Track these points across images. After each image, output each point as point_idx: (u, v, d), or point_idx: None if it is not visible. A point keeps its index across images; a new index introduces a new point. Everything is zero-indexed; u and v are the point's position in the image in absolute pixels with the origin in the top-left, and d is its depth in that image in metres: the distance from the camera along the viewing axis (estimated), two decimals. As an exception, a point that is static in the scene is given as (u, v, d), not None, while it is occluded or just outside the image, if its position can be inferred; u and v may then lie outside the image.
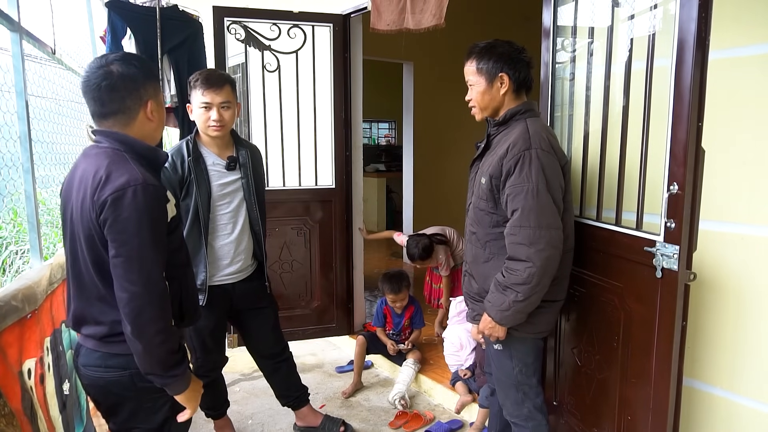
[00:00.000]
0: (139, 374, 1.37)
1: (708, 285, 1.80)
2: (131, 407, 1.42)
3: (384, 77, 7.39)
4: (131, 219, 1.25)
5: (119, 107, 1.34)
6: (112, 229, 1.26)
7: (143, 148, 1.38)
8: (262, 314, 2.35)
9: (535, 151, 1.59)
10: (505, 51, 1.69)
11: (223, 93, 2.05)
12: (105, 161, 1.30)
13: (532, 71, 1.73)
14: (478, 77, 1.72)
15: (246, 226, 2.21)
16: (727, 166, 1.72)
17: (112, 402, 1.43)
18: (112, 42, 2.95)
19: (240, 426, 2.64)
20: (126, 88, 1.33)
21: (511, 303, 1.61)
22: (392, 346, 3.12)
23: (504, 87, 1.70)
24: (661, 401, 1.61)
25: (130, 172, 1.28)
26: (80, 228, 1.31)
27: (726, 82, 1.69)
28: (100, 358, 1.39)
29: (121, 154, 1.33)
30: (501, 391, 1.87)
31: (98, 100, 1.33)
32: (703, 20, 1.41)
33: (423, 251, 3.28)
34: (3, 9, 1.80)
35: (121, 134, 1.35)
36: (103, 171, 1.28)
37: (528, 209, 1.57)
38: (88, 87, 1.32)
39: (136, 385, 1.39)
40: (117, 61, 1.34)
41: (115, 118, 1.35)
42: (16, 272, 2.96)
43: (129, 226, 1.25)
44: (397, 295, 3.08)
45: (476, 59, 1.72)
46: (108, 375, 1.39)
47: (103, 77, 1.30)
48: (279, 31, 3.17)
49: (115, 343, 1.37)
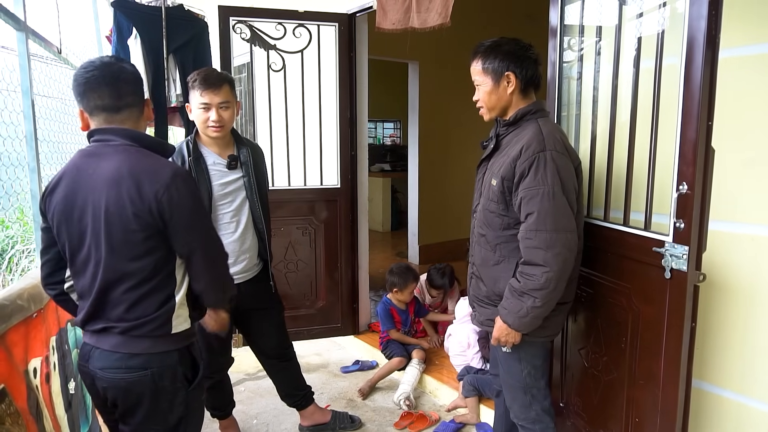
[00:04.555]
0: (159, 373, 1.39)
1: (717, 286, 1.78)
2: (149, 407, 1.42)
3: (389, 77, 7.38)
4: (190, 204, 1.38)
5: (134, 100, 1.39)
6: (175, 218, 1.34)
7: (153, 143, 1.42)
8: (268, 314, 2.34)
9: (549, 153, 1.56)
10: (511, 49, 1.65)
11: (222, 93, 2.04)
12: (132, 158, 1.34)
13: (540, 68, 1.70)
14: (485, 77, 1.68)
15: (249, 224, 2.20)
16: (737, 165, 1.70)
17: (132, 403, 1.42)
18: (118, 41, 2.96)
19: (245, 426, 2.63)
20: (137, 84, 1.40)
21: (529, 309, 1.58)
22: (427, 344, 3.26)
23: (511, 86, 1.66)
24: (670, 403, 1.60)
25: (166, 164, 1.38)
26: (114, 226, 1.32)
27: (736, 80, 1.67)
28: (120, 360, 1.38)
29: (139, 149, 1.36)
30: (508, 393, 1.85)
31: (115, 93, 1.34)
32: (713, 18, 1.39)
33: (451, 276, 3.45)
34: (9, 9, 1.80)
35: (131, 130, 1.38)
36: (139, 167, 1.33)
37: (544, 212, 1.54)
38: (102, 80, 1.32)
39: (157, 384, 1.39)
40: (121, 60, 1.41)
41: (129, 111, 1.38)
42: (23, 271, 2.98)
43: (191, 210, 1.38)
44: (407, 287, 3.17)
45: (482, 58, 1.68)
46: (129, 376, 1.38)
47: (120, 71, 1.35)
48: (284, 30, 3.17)
49: (135, 340, 1.37)
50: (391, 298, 3.27)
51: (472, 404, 2.66)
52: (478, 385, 2.67)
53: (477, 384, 2.67)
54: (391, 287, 3.24)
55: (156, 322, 1.37)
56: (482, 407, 2.66)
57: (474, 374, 2.77)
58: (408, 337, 3.26)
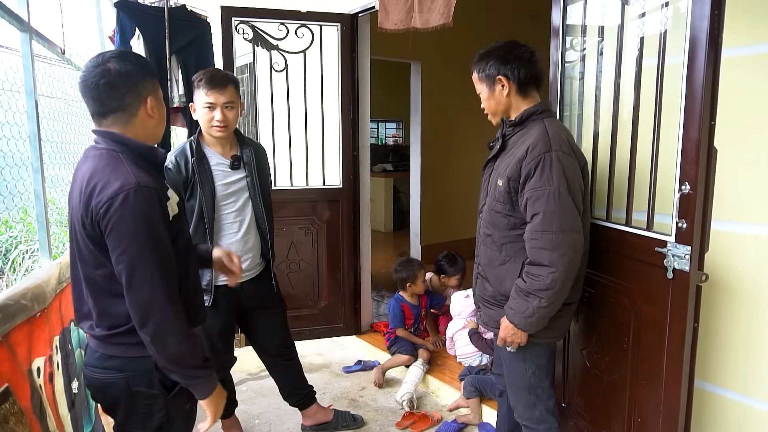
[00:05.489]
0: (135, 378, 1.37)
1: (720, 286, 1.77)
2: (126, 410, 1.42)
3: (392, 77, 7.39)
4: (127, 225, 1.23)
5: (119, 105, 1.31)
6: (111, 237, 1.25)
7: (141, 148, 1.35)
8: (271, 313, 2.35)
9: (555, 153, 1.56)
10: (500, 53, 1.68)
11: (227, 93, 2.04)
12: (100, 165, 1.28)
13: (535, 66, 1.69)
14: (481, 85, 1.74)
15: (252, 224, 2.21)
16: (740, 165, 1.70)
17: (109, 403, 1.43)
18: (121, 42, 2.96)
19: (247, 425, 2.64)
20: (125, 85, 1.30)
21: (535, 309, 1.59)
22: (432, 346, 3.26)
23: (506, 89, 1.68)
24: (672, 404, 1.59)
25: (123, 176, 1.26)
26: (81, 231, 1.31)
27: (739, 80, 1.67)
28: (99, 359, 1.39)
29: (117, 155, 1.30)
30: (512, 393, 1.85)
31: (97, 99, 1.30)
32: (716, 17, 1.39)
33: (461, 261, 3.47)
34: (13, 9, 1.81)
35: (117, 134, 1.33)
36: (97, 177, 1.26)
37: (550, 213, 1.55)
38: (86, 86, 1.30)
39: (131, 388, 1.38)
40: (114, 58, 1.31)
41: (114, 117, 1.32)
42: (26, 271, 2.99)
43: (126, 232, 1.24)
44: (418, 277, 3.20)
45: (476, 67, 1.73)
46: (104, 376, 1.39)
47: (101, 75, 1.28)
48: (287, 30, 3.17)
49: (111, 345, 1.37)
50: (403, 294, 3.28)
51: (474, 405, 2.66)
52: (479, 386, 2.67)
53: (478, 384, 2.68)
54: (403, 284, 3.26)
55: (127, 334, 1.33)
56: (484, 407, 2.66)
57: (475, 374, 2.78)
58: (414, 336, 3.26)
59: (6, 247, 3.27)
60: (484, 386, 2.66)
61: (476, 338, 2.90)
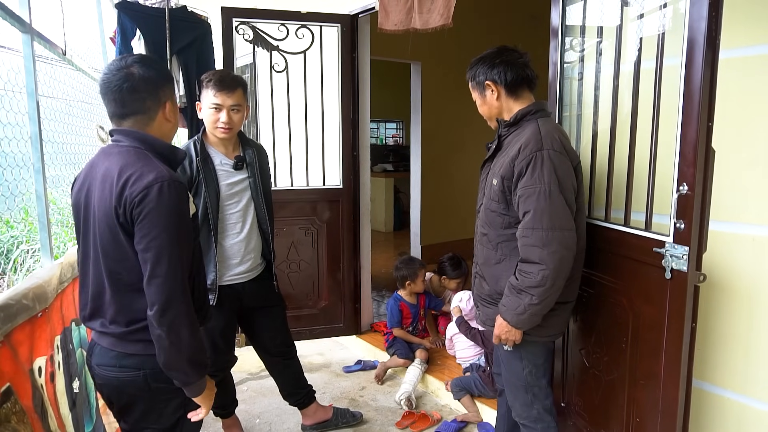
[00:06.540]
0: (154, 375, 1.38)
1: (719, 286, 1.78)
2: (144, 407, 1.43)
3: (392, 77, 7.40)
4: (161, 214, 1.28)
5: (139, 108, 1.36)
6: (142, 224, 1.28)
7: (162, 147, 1.40)
8: (272, 313, 2.36)
9: (547, 152, 1.58)
10: (486, 60, 1.73)
11: (235, 96, 2.06)
12: (129, 159, 1.32)
13: (524, 68, 1.70)
14: (475, 92, 1.80)
15: (254, 224, 2.22)
16: (738, 166, 1.70)
17: (126, 402, 1.43)
18: (122, 43, 2.97)
19: (248, 425, 2.65)
20: (146, 90, 1.35)
21: (527, 306, 1.60)
22: (429, 344, 3.28)
23: (495, 93, 1.72)
24: (671, 403, 1.60)
25: (157, 169, 1.31)
26: (103, 225, 1.32)
27: (736, 81, 1.67)
28: (115, 358, 1.39)
29: (143, 152, 1.35)
30: (510, 392, 1.86)
31: (119, 102, 1.34)
32: (713, 19, 1.40)
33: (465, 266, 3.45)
34: (14, 11, 1.81)
35: (142, 133, 1.37)
36: (130, 169, 1.29)
37: (540, 211, 1.56)
38: (108, 89, 1.33)
39: (150, 385, 1.39)
40: (137, 63, 1.35)
41: (134, 119, 1.37)
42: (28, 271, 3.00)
43: (159, 220, 1.28)
44: (418, 276, 3.21)
45: (468, 76, 1.79)
46: (122, 375, 1.39)
47: (125, 79, 1.32)
48: (287, 31, 3.18)
49: (130, 343, 1.38)
50: (402, 294, 3.29)
51: (468, 403, 2.70)
52: (463, 385, 2.73)
53: (461, 383, 2.74)
54: (402, 282, 3.27)
55: (146, 330, 1.33)
56: (484, 407, 2.67)
57: (458, 377, 2.82)
58: (412, 336, 3.27)
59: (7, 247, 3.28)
60: (467, 385, 2.73)
61: (464, 327, 2.93)
